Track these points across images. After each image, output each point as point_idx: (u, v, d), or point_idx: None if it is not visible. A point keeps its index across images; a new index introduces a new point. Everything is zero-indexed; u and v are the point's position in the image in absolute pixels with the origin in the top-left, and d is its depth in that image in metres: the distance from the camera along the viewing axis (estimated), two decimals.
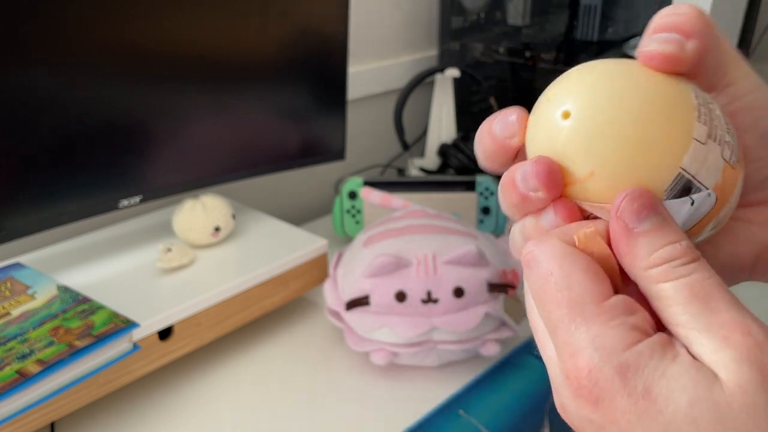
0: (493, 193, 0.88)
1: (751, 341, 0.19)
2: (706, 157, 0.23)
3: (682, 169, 0.22)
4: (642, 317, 0.21)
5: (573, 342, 0.21)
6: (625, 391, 0.19)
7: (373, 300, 0.62)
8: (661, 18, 0.24)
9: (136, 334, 0.57)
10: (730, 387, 0.19)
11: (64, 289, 0.60)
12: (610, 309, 0.21)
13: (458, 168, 1.00)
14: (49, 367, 0.50)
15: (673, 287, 0.21)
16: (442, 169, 1.02)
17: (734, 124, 0.24)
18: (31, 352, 0.51)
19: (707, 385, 0.19)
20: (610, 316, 0.21)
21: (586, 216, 0.24)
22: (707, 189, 0.23)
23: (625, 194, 0.22)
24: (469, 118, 1.11)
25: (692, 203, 0.23)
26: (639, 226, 0.22)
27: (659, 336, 0.20)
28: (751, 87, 0.25)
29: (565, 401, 0.21)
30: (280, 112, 0.77)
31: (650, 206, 0.22)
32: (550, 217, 0.24)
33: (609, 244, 0.23)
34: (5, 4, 0.53)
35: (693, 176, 0.23)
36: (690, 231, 0.24)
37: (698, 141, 0.23)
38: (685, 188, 0.23)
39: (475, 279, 0.62)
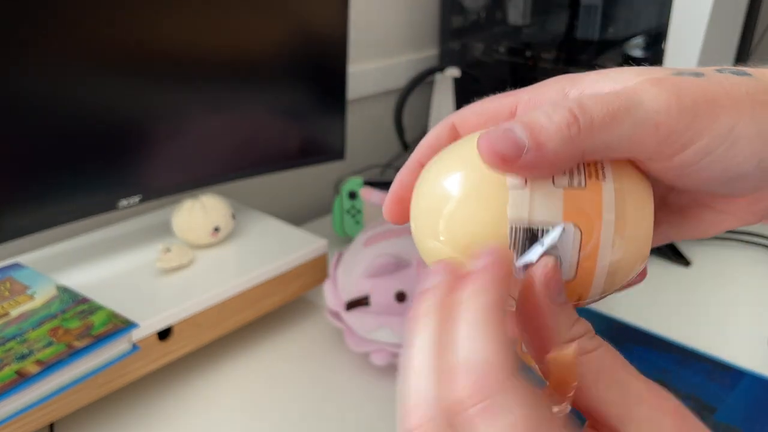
0: None
1: (675, 405, 0.21)
2: (532, 197, 0.22)
3: (511, 221, 0.22)
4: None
5: None
6: None
7: (373, 300, 0.61)
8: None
9: (136, 335, 0.57)
10: None
11: (64, 290, 0.60)
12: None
13: None
14: (49, 367, 0.50)
15: (596, 359, 0.21)
16: None
17: (696, 180, 0.23)
18: (30, 352, 0.51)
19: None
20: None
21: None
22: (553, 224, 0.22)
23: (546, 265, 0.22)
24: None
25: (543, 244, 0.22)
26: (558, 299, 0.22)
27: None
28: (712, 144, 0.22)
29: None
30: (279, 112, 0.77)
31: (561, 281, 0.22)
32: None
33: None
34: (5, 3, 0.53)
35: (528, 221, 0.22)
36: (585, 269, 0.22)
37: (514, 188, 0.22)
38: (530, 236, 0.22)
39: None
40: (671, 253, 0.88)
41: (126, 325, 0.55)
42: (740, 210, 0.26)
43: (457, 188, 0.23)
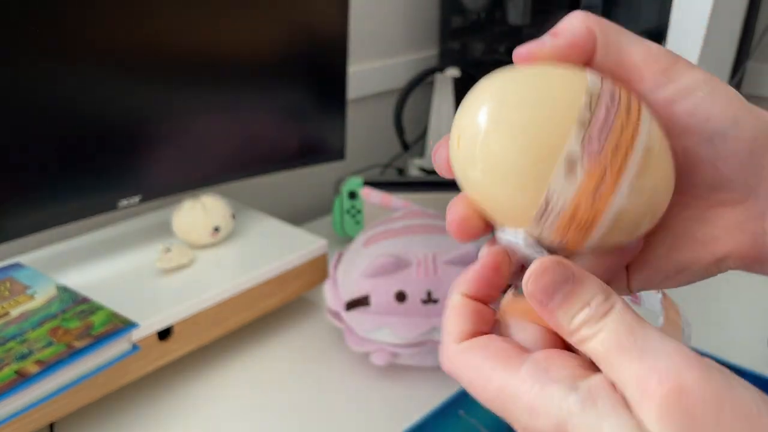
0: None
1: (667, 388, 0.19)
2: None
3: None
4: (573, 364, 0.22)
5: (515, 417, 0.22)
6: None
7: (373, 300, 0.61)
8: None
9: (136, 335, 0.57)
10: None
11: (64, 290, 0.60)
12: (535, 371, 0.21)
13: None
14: (49, 367, 0.50)
15: (595, 345, 0.21)
16: None
17: (678, 125, 0.24)
18: (30, 352, 0.51)
19: None
20: (547, 378, 0.21)
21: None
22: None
23: (529, 274, 0.22)
24: None
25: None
26: (551, 303, 0.22)
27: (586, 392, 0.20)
28: (693, 86, 0.24)
29: None
30: (280, 111, 0.77)
31: (557, 282, 0.22)
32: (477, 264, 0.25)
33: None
34: (5, 4, 0.53)
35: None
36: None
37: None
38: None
39: None
40: None
41: (126, 325, 0.55)
42: (732, 225, 0.26)
43: (488, 116, 0.23)
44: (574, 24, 0.25)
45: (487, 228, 0.25)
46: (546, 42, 0.25)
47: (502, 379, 0.22)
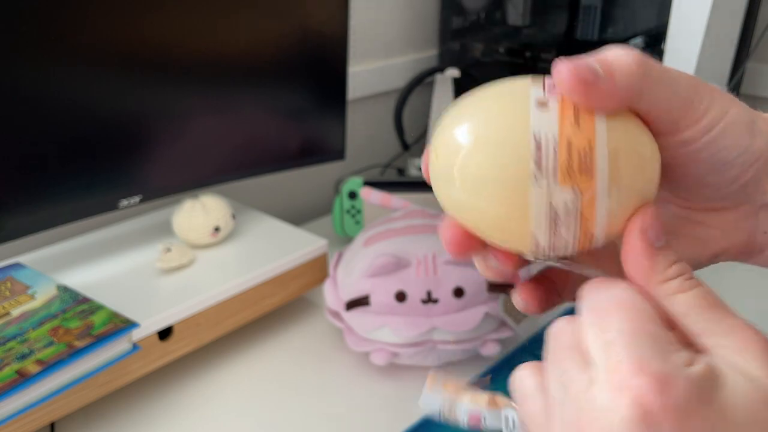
0: None
1: (764, 340, 0.22)
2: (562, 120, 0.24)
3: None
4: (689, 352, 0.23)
5: (640, 354, 0.21)
6: (700, 399, 0.20)
7: (373, 300, 0.62)
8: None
9: (136, 334, 0.57)
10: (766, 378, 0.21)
11: (64, 289, 0.60)
12: (674, 340, 0.22)
13: None
14: (49, 367, 0.50)
15: (689, 297, 0.23)
16: None
17: (698, 157, 0.26)
18: (31, 352, 0.51)
19: (755, 383, 0.21)
20: (673, 342, 0.22)
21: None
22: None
23: (649, 213, 0.24)
24: None
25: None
26: (658, 243, 0.24)
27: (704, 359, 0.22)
28: (716, 121, 0.25)
29: (615, 418, 0.20)
30: (280, 112, 0.77)
31: (662, 226, 0.24)
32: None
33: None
34: (5, 3, 0.53)
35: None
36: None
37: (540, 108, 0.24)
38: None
39: (474, 279, 0.61)
40: None
41: (126, 325, 0.55)
42: (728, 225, 0.28)
43: (470, 135, 0.25)
44: (627, 79, 0.25)
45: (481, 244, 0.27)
46: (600, 82, 0.25)
47: (659, 321, 0.23)
